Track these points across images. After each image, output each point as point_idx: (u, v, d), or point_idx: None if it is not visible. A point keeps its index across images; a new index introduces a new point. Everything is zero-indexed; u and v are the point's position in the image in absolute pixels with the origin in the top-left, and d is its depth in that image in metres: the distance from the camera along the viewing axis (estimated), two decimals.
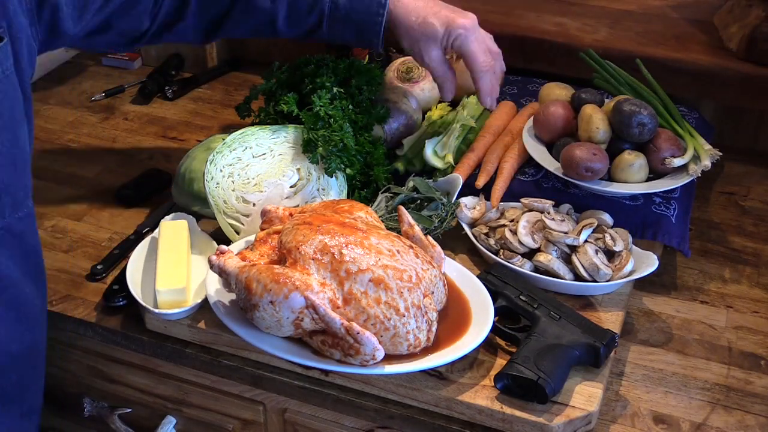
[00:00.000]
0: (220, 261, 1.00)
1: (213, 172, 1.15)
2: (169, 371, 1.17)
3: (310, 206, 1.10)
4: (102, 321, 1.13)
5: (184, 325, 1.08)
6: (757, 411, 1.01)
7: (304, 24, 1.24)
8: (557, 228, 1.13)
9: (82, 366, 1.24)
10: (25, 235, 1.03)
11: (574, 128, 1.24)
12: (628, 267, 1.10)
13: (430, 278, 0.98)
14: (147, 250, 1.17)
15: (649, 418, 1.00)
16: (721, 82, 1.41)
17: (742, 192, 1.40)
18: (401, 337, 0.95)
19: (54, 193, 1.38)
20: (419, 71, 1.38)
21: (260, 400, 1.14)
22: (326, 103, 1.21)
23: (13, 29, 0.98)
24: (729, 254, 1.26)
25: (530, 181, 1.25)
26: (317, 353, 0.97)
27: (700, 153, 1.20)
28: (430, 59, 1.22)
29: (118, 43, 1.24)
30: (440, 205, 1.17)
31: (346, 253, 0.95)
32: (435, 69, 1.24)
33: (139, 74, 1.72)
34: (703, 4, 1.62)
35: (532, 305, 1.04)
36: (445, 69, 1.24)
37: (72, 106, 1.63)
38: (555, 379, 0.96)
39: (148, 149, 1.50)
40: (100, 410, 1.26)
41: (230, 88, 1.69)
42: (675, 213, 1.19)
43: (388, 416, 1.02)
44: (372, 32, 1.22)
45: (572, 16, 1.58)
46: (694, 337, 1.11)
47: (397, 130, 1.31)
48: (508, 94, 1.47)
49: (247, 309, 0.96)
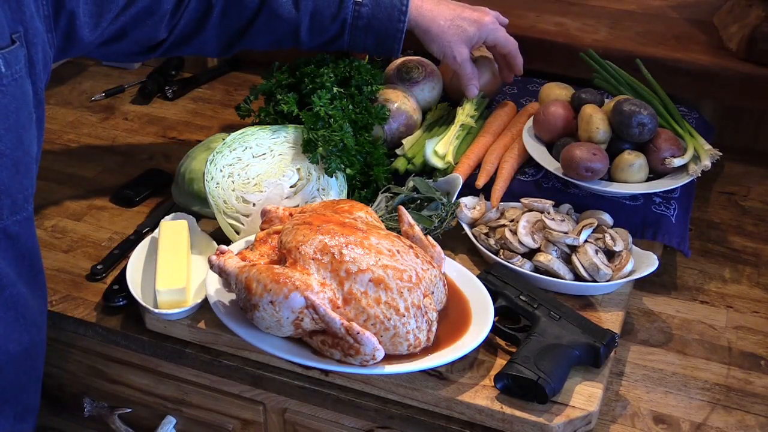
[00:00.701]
0: (220, 261, 1.00)
1: (213, 172, 1.15)
2: (169, 371, 1.17)
3: (310, 206, 1.10)
4: (102, 321, 1.13)
5: (184, 325, 1.08)
6: (757, 411, 1.01)
7: (326, 33, 1.26)
8: (557, 228, 1.13)
9: (82, 366, 1.24)
10: (21, 238, 1.02)
11: (574, 128, 1.24)
12: (628, 267, 1.10)
13: (430, 278, 0.98)
14: (147, 250, 1.17)
15: (649, 418, 1.00)
16: (721, 82, 1.41)
17: (742, 192, 1.40)
18: (401, 337, 0.95)
19: (54, 193, 1.38)
20: (419, 71, 1.38)
21: (260, 400, 1.14)
22: (326, 103, 1.21)
23: (30, 34, 0.99)
24: (729, 254, 1.26)
25: (530, 181, 1.25)
26: (317, 353, 0.97)
27: (700, 153, 1.20)
28: (462, 59, 1.30)
29: (132, 52, 1.24)
30: (440, 205, 1.17)
31: (346, 253, 0.95)
32: (466, 68, 1.31)
33: (139, 74, 1.72)
34: (703, 4, 1.62)
35: (532, 305, 1.04)
36: (473, 67, 1.32)
37: (72, 106, 1.63)
38: (555, 379, 0.96)
39: (148, 149, 1.50)
40: (100, 410, 1.26)
41: (230, 88, 1.69)
42: (675, 213, 1.19)
43: (388, 416, 1.02)
44: (393, 39, 1.27)
45: (572, 16, 1.58)
46: (694, 337, 1.11)
47: (397, 130, 1.31)
48: (508, 94, 1.47)
49: (247, 309, 0.96)
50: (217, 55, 1.33)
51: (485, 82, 1.41)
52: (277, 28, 1.25)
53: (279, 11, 1.23)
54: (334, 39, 1.27)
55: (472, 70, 1.32)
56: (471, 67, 1.32)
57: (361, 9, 1.24)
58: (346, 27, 1.25)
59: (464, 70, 1.31)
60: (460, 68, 1.31)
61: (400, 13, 1.24)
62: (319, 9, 1.24)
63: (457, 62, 1.30)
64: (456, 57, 1.29)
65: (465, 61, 1.30)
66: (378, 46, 1.28)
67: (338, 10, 1.24)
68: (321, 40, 1.28)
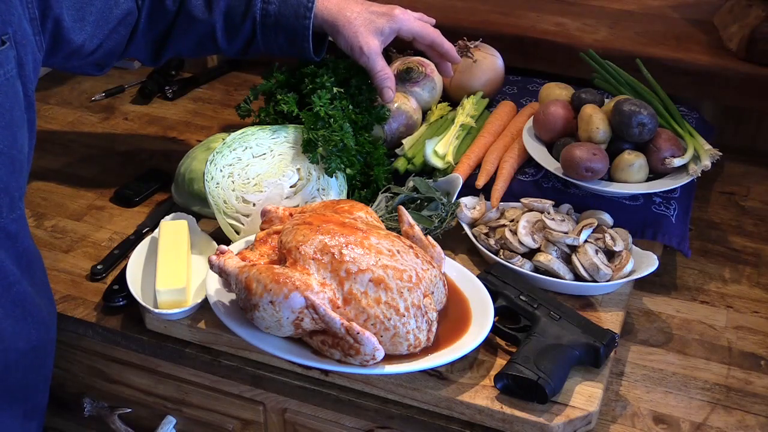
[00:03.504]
0: (220, 261, 1.00)
1: (213, 172, 1.15)
2: (169, 371, 1.17)
3: (310, 206, 1.10)
4: (102, 321, 1.13)
5: (184, 325, 1.08)
6: (757, 411, 1.01)
7: (240, 34, 1.26)
8: (557, 228, 1.13)
9: (82, 366, 1.24)
10: (20, 236, 1.04)
11: (574, 128, 1.24)
12: (628, 267, 1.10)
13: (430, 278, 0.98)
14: (147, 250, 1.17)
15: (649, 418, 1.00)
16: (721, 82, 1.41)
17: (742, 192, 1.40)
18: (401, 337, 0.95)
19: (54, 193, 1.38)
20: (419, 71, 1.38)
21: (260, 400, 1.14)
22: (326, 103, 1.21)
23: (18, 36, 1.00)
24: (729, 254, 1.26)
25: (530, 181, 1.25)
26: (317, 353, 0.97)
27: (700, 153, 1.20)
28: (370, 51, 1.22)
29: (94, 64, 1.25)
30: (440, 205, 1.17)
31: (346, 253, 0.95)
32: (376, 62, 1.23)
33: (139, 74, 1.72)
34: (703, 4, 1.62)
35: (532, 305, 1.04)
36: (385, 62, 1.24)
37: (72, 106, 1.64)
38: (555, 379, 0.96)
39: (148, 149, 1.50)
40: (100, 410, 1.26)
41: (230, 88, 1.69)
42: (675, 213, 1.19)
43: (388, 416, 1.02)
44: (303, 38, 1.24)
45: (572, 16, 1.58)
46: (694, 337, 1.11)
47: (397, 130, 1.31)
48: (508, 94, 1.47)
49: (247, 309, 0.96)
50: (152, 62, 1.32)
51: (485, 82, 1.41)
52: (195, 31, 1.26)
53: (193, 12, 1.24)
54: (249, 41, 1.27)
55: (384, 67, 1.23)
56: (382, 63, 1.23)
57: (269, 7, 1.23)
58: (257, 26, 1.24)
59: (373, 64, 1.23)
60: (369, 62, 1.22)
61: (306, 9, 1.22)
62: (230, 9, 1.24)
63: (365, 54, 1.21)
64: (363, 47, 1.21)
65: (373, 54, 1.22)
66: (290, 45, 1.26)
67: (247, 8, 1.24)
68: (238, 44, 1.28)
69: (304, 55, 1.27)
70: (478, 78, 1.41)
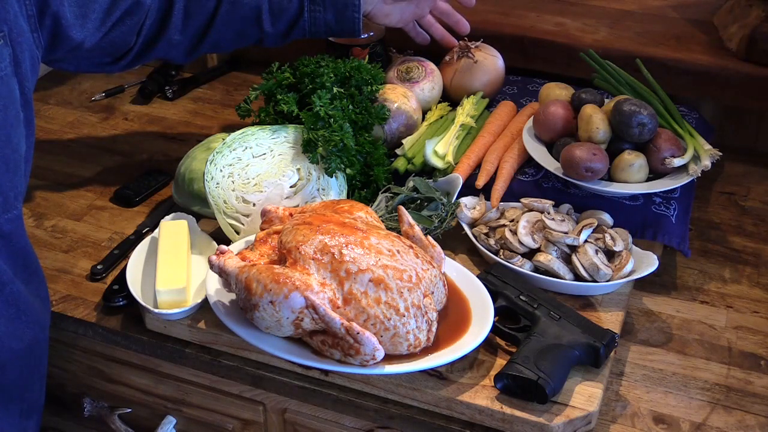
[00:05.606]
0: (220, 261, 1.00)
1: (213, 172, 1.15)
2: (169, 371, 1.17)
3: (310, 206, 1.10)
4: (102, 321, 1.13)
5: (184, 325, 1.08)
6: (757, 411, 1.01)
7: (286, 13, 1.25)
8: (557, 228, 1.13)
9: (82, 366, 1.24)
10: (14, 236, 1.03)
11: (574, 128, 1.24)
12: (628, 267, 1.10)
13: (430, 278, 0.98)
14: (147, 250, 1.17)
15: (649, 418, 1.00)
16: (721, 82, 1.41)
17: (742, 192, 1.40)
18: (401, 337, 0.95)
19: (54, 193, 1.38)
20: (419, 71, 1.38)
21: (260, 400, 1.14)
22: (326, 103, 1.21)
23: (14, 33, 1.00)
24: (729, 254, 1.26)
25: (530, 181, 1.25)
26: (317, 353, 0.97)
27: (700, 153, 1.20)
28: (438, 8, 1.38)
29: (102, 62, 1.23)
30: (440, 205, 1.17)
31: (346, 253, 0.95)
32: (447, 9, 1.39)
33: (139, 74, 1.72)
34: (703, 4, 1.62)
35: (532, 305, 1.04)
36: None
37: (72, 106, 1.64)
38: (555, 379, 0.96)
39: (148, 149, 1.50)
40: (100, 410, 1.26)
41: (230, 88, 1.69)
42: (675, 213, 1.19)
43: (388, 416, 1.02)
44: (353, 8, 1.25)
45: (572, 16, 1.58)
46: (694, 337, 1.11)
47: (397, 130, 1.31)
48: (508, 94, 1.47)
49: (247, 309, 0.96)
50: (184, 59, 1.30)
51: (485, 82, 1.41)
52: (240, 16, 1.24)
53: None
54: (295, 20, 1.26)
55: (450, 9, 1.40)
56: None
57: None
58: (305, 2, 1.24)
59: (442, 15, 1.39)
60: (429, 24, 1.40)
61: None
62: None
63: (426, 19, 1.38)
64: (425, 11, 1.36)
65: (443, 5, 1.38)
66: (338, 22, 1.26)
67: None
68: (283, 25, 1.26)
69: (353, 28, 1.27)
70: (479, 78, 1.41)
